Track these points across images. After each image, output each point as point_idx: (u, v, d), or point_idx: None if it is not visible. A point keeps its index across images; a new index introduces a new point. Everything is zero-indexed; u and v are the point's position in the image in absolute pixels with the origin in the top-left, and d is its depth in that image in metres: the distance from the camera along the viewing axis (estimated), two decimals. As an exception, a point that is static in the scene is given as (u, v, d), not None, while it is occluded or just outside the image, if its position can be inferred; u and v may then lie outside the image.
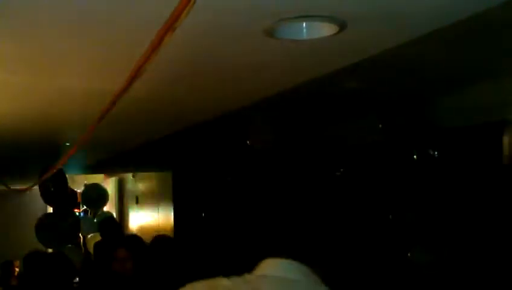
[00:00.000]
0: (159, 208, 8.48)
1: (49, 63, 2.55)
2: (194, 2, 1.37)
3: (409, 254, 3.86)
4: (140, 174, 9.50)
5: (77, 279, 5.93)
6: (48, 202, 7.18)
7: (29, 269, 3.32)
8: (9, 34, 2.09)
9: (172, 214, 7.81)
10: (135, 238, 4.00)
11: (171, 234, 7.30)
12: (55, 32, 2.07)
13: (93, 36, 2.14)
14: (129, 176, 10.07)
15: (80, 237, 8.47)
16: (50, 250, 6.62)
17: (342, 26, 2.04)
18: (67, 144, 5.24)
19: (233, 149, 5.24)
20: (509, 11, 2.00)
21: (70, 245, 6.76)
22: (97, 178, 10.15)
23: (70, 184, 7.58)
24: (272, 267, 1.57)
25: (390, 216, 4.12)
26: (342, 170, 4.77)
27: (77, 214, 9.30)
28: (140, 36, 1.86)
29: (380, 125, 3.86)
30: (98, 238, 7.05)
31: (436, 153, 3.65)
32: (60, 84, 3.01)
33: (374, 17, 2.01)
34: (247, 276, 1.59)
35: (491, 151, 3.54)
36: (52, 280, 3.12)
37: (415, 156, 3.73)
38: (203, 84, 3.15)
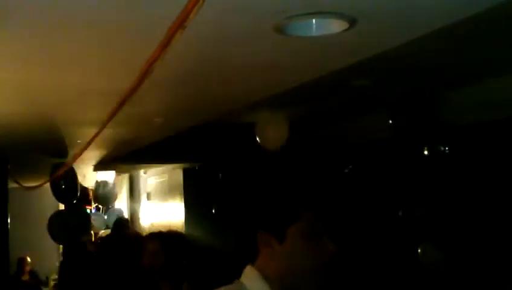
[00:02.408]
0: (170, 205, 8.51)
1: (61, 62, 2.57)
2: (204, 0, 1.38)
3: (418, 251, 3.84)
4: (151, 171, 9.54)
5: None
6: (59, 199, 7.22)
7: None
8: (19, 34, 2.11)
9: (183, 210, 7.84)
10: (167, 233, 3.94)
11: (181, 230, 7.33)
12: (65, 31, 2.08)
13: (104, 35, 2.14)
14: (140, 172, 10.11)
15: (91, 234, 8.52)
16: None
17: (352, 22, 2.03)
18: (79, 141, 5.27)
19: (243, 146, 5.24)
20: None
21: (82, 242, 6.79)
22: (108, 175, 10.18)
23: (81, 181, 7.61)
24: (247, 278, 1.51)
25: (400, 213, 4.11)
26: (351, 166, 4.77)
27: (88, 211, 9.35)
28: (150, 35, 1.86)
29: (390, 122, 3.85)
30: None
31: (446, 149, 3.64)
32: (71, 82, 3.02)
33: (384, 13, 2.00)
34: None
35: (501, 148, 3.52)
36: None
37: (425, 153, 3.71)
38: (212, 82, 3.15)
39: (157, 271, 3.24)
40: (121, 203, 10.69)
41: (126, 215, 9.99)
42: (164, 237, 3.44)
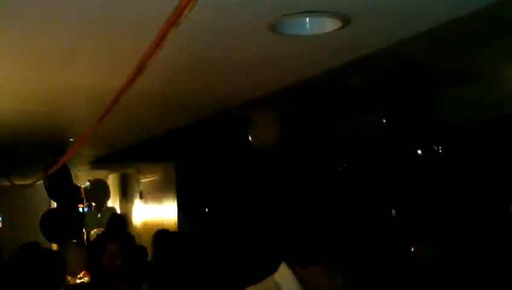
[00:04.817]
0: (163, 203, 8.50)
1: (54, 59, 2.56)
2: (197, -2, 1.37)
3: (412, 250, 3.85)
4: (143, 170, 9.52)
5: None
6: (52, 197, 7.20)
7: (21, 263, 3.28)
8: (14, 32, 2.10)
9: (176, 208, 7.83)
10: (126, 233, 3.96)
11: (174, 228, 7.33)
12: (59, 29, 2.07)
13: (97, 33, 2.14)
14: (133, 171, 10.09)
15: (83, 233, 8.50)
16: (55, 246, 6.64)
17: (345, 21, 2.03)
18: (71, 139, 5.26)
19: (236, 145, 5.24)
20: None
21: (73, 240, 6.77)
22: (101, 173, 10.15)
23: (74, 180, 7.58)
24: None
25: (393, 212, 4.12)
26: (344, 165, 4.77)
27: (81, 209, 9.32)
28: (144, 32, 1.86)
29: (384, 121, 3.86)
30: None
31: (440, 148, 3.65)
32: (64, 80, 3.01)
33: (377, 12, 2.00)
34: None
35: (495, 146, 3.53)
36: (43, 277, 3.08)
37: (418, 152, 3.72)
38: (206, 80, 3.15)
39: (116, 272, 3.26)
40: (114, 202, 10.66)
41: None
42: (123, 239, 3.47)
